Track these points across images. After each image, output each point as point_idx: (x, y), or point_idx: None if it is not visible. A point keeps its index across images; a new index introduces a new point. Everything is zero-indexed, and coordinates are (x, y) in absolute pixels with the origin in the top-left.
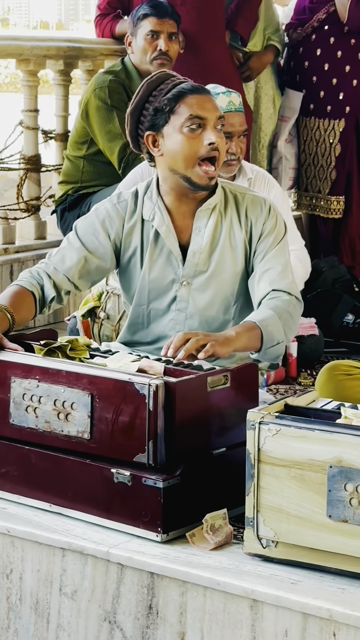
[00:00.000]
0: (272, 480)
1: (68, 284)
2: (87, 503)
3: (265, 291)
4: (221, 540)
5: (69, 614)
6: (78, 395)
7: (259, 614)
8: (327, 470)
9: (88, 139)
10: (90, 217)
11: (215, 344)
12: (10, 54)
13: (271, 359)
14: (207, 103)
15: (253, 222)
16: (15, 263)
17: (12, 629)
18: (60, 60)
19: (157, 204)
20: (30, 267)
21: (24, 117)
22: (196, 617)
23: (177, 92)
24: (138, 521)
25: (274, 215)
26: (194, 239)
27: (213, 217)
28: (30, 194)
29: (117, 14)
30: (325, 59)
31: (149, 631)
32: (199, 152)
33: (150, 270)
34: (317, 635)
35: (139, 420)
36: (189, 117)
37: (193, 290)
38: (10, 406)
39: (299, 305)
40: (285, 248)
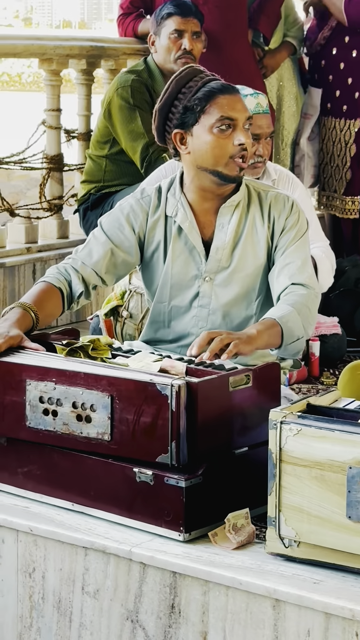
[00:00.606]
0: (294, 480)
1: (95, 278)
2: (110, 502)
3: (284, 285)
4: (243, 539)
5: (92, 612)
6: (97, 396)
7: (282, 614)
8: (346, 471)
9: (110, 138)
10: (114, 213)
11: (238, 342)
12: (33, 54)
13: (291, 354)
14: (237, 103)
15: (276, 218)
16: (37, 262)
17: (35, 627)
18: (82, 59)
19: (181, 200)
20: (57, 264)
21: (46, 116)
22: (218, 616)
23: (208, 92)
24: (160, 520)
25: (296, 212)
26: (217, 235)
27: (236, 214)
28: (53, 193)
29: (140, 13)
30: (340, 58)
31: (171, 630)
32: (230, 152)
33: (172, 265)
34: (340, 635)
35: (161, 420)
36: (219, 119)
37: (215, 286)
38: (26, 409)
39: (317, 299)
40: (306, 244)
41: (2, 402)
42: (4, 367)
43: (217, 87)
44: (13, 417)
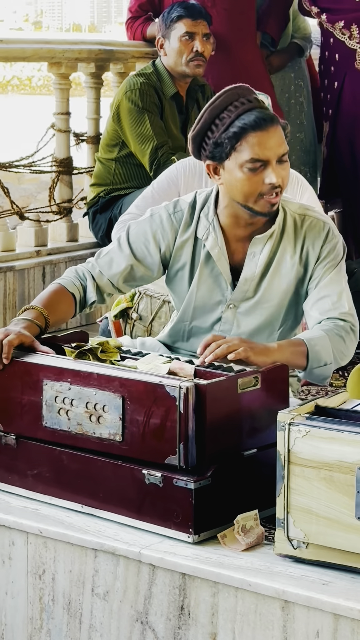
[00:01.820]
0: (302, 481)
1: (111, 288)
2: (119, 504)
3: (318, 320)
4: (252, 541)
5: (101, 614)
6: (109, 397)
7: (291, 615)
8: (355, 472)
9: (119, 141)
10: (144, 223)
11: (249, 350)
12: (42, 57)
13: (317, 380)
14: (270, 140)
15: (310, 248)
16: (47, 265)
17: (45, 629)
18: (91, 63)
19: (213, 223)
20: (77, 266)
21: (55, 120)
22: (228, 617)
23: (239, 130)
24: (169, 522)
25: (332, 239)
26: (247, 265)
27: (269, 244)
28: (62, 196)
29: (149, 16)
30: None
31: (180, 632)
32: (260, 190)
33: (198, 289)
34: (349, 636)
35: (170, 422)
36: (250, 160)
37: (239, 313)
38: (43, 409)
39: (353, 333)
40: (342, 273)
41: (21, 401)
42: (23, 367)
43: (250, 123)
44: (31, 416)
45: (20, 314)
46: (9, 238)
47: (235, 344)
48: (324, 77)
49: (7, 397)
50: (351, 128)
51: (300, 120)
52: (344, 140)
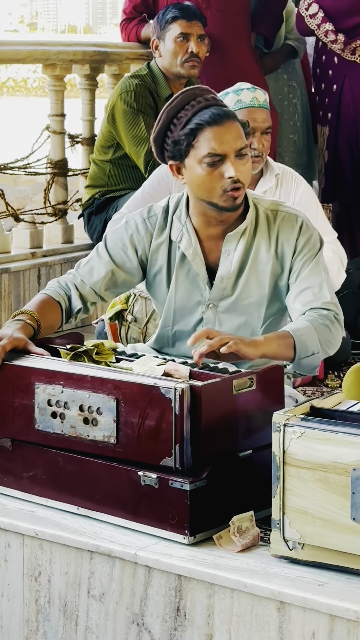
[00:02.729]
0: (298, 482)
1: (94, 296)
2: (114, 506)
3: (302, 311)
4: (248, 542)
5: (97, 616)
6: (103, 400)
7: (286, 616)
8: (350, 473)
9: (114, 143)
10: (120, 230)
11: (240, 342)
12: (37, 59)
13: (306, 370)
14: (226, 134)
15: (285, 241)
16: (42, 267)
17: (41, 631)
18: (86, 64)
19: (186, 225)
20: (61, 272)
21: (50, 121)
22: (224, 619)
23: (195, 126)
24: (165, 524)
25: (306, 231)
26: (222, 263)
27: (242, 241)
28: (57, 198)
29: (143, 18)
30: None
31: (177, 633)
32: (221, 185)
33: (176, 291)
34: (345, 637)
35: (165, 424)
36: (207, 155)
37: (219, 312)
38: (35, 412)
39: (337, 322)
40: (321, 264)
41: (12, 405)
42: (14, 371)
43: (205, 119)
44: (23, 420)
45: (13, 317)
46: (4, 240)
47: (225, 336)
48: (320, 81)
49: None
50: (351, 131)
51: (294, 122)
52: (343, 143)
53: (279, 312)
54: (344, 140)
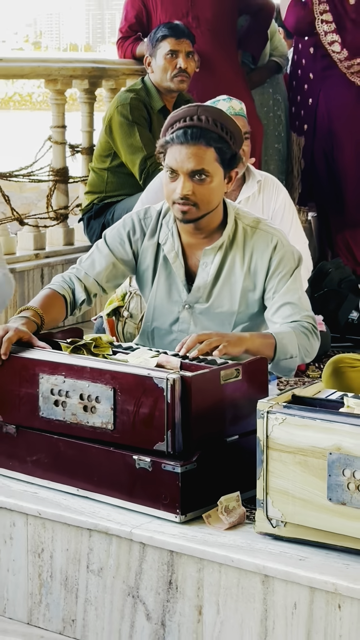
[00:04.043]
0: (280, 465)
1: (97, 287)
2: (111, 487)
3: (282, 324)
4: (235, 520)
5: (96, 589)
6: (102, 389)
7: (270, 589)
8: (327, 457)
9: (111, 152)
10: (118, 227)
11: (227, 345)
12: (40, 75)
13: (283, 372)
14: (180, 155)
15: (259, 259)
16: (45, 267)
17: (44, 603)
18: (85, 80)
19: (172, 230)
20: (62, 272)
21: (52, 132)
22: (212, 591)
23: (164, 141)
24: (158, 503)
25: (280, 250)
26: (199, 274)
27: (219, 255)
28: (59, 203)
29: (138, 36)
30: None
31: (169, 605)
32: (172, 197)
33: (157, 290)
34: (324, 607)
35: (158, 411)
36: (166, 167)
37: (195, 314)
38: (39, 400)
39: (315, 334)
40: (298, 281)
41: (18, 394)
42: (20, 362)
43: (171, 138)
44: (28, 408)
45: (18, 313)
46: (10, 242)
47: (214, 340)
48: (296, 93)
49: (6, 390)
50: (326, 140)
51: (278, 132)
52: (319, 151)
53: (249, 320)
54: (320, 149)
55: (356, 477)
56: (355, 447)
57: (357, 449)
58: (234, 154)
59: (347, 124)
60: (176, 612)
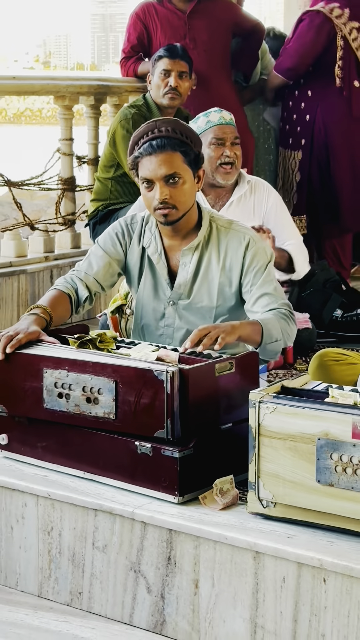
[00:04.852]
0: (270, 450)
1: (97, 286)
2: (115, 471)
3: (262, 312)
4: (228, 501)
5: (101, 564)
6: (104, 382)
7: (261, 564)
8: (315, 442)
9: (115, 163)
10: (108, 231)
11: (225, 335)
12: (49, 92)
13: (270, 355)
14: (153, 163)
15: (233, 256)
16: (54, 269)
17: (53, 577)
18: (91, 96)
19: (155, 234)
20: (64, 275)
21: (61, 145)
22: (208, 566)
23: (134, 157)
24: (158, 486)
25: (252, 247)
26: (179, 273)
27: (196, 254)
28: (67, 210)
29: (140, 56)
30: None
31: (168, 579)
32: (152, 205)
33: (144, 289)
34: (310, 581)
35: (158, 401)
36: (141, 179)
37: (178, 308)
38: (44, 393)
39: (292, 318)
40: (272, 274)
41: (23, 387)
42: (25, 358)
43: (140, 151)
44: (33, 400)
45: (28, 311)
46: (22, 246)
47: (213, 333)
48: (292, 112)
49: (12, 385)
50: (321, 152)
51: (269, 145)
52: (315, 164)
53: (228, 313)
54: (315, 161)
55: (343, 460)
56: (342, 432)
57: (344, 434)
58: (197, 154)
59: (342, 137)
60: (174, 585)
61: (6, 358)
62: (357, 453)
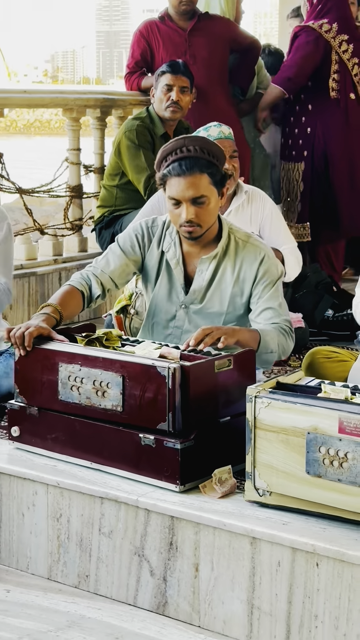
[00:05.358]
0: (265, 442)
1: (111, 283)
2: (120, 461)
3: (264, 324)
4: (227, 490)
5: (107, 549)
6: (112, 376)
7: (257, 549)
8: (305, 436)
9: (120, 171)
10: (129, 231)
11: (227, 336)
12: (58, 104)
13: (263, 364)
14: (181, 185)
15: (248, 268)
16: (62, 271)
17: (62, 561)
18: (97, 109)
19: (175, 240)
20: (80, 270)
21: (68, 154)
22: (207, 551)
23: (163, 175)
24: (161, 475)
25: (266, 263)
26: (196, 279)
27: (213, 263)
28: (75, 215)
29: (143, 71)
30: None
31: (170, 563)
32: (178, 222)
33: (159, 290)
34: (303, 565)
35: (160, 396)
36: (169, 197)
37: (190, 313)
38: (58, 385)
39: (291, 335)
40: (279, 290)
41: (41, 380)
42: (42, 353)
43: (168, 171)
44: (49, 392)
45: (40, 310)
46: (32, 249)
47: (215, 333)
48: (293, 127)
49: (30, 377)
50: (320, 161)
51: (265, 155)
52: (315, 174)
53: (236, 320)
54: (315, 171)
55: (330, 454)
56: (330, 427)
57: (331, 429)
58: (223, 175)
59: (340, 146)
60: (176, 569)
61: (25, 353)
62: (343, 447)
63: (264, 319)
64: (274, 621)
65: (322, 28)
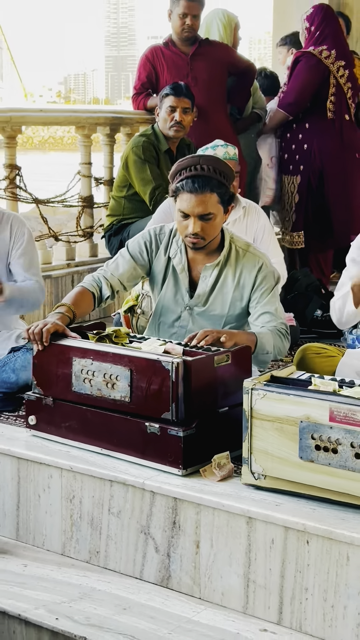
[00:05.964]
0: (261, 430)
1: (119, 285)
2: (128, 447)
3: (260, 327)
4: (225, 474)
5: (116, 528)
6: (121, 370)
7: (253, 528)
8: (298, 424)
9: (127, 184)
10: (138, 238)
11: (227, 340)
12: (71, 122)
13: (259, 364)
14: (190, 202)
15: (247, 275)
16: (75, 274)
17: (75, 539)
18: (107, 126)
19: (181, 247)
20: (92, 273)
21: (80, 168)
22: (207, 530)
23: (176, 187)
24: (165, 460)
25: (264, 270)
26: (200, 285)
27: (216, 270)
28: (86, 223)
29: (148, 92)
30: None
31: (173, 540)
32: (184, 233)
33: (166, 293)
34: (295, 543)
35: (165, 388)
36: (179, 210)
37: (193, 314)
38: (72, 378)
39: (286, 337)
40: (277, 296)
41: (56, 373)
42: (58, 348)
43: (181, 186)
44: (63, 384)
45: (55, 309)
46: (47, 254)
47: (215, 334)
48: (291, 143)
49: (47, 370)
50: (314, 175)
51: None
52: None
53: (235, 322)
54: (310, 185)
55: (321, 440)
56: (321, 416)
57: (322, 418)
58: (231, 195)
59: (335, 163)
60: (179, 546)
61: (43, 348)
62: (333, 434)
63: (262, 322)
64: (267, 594)
65: (322, 54)
